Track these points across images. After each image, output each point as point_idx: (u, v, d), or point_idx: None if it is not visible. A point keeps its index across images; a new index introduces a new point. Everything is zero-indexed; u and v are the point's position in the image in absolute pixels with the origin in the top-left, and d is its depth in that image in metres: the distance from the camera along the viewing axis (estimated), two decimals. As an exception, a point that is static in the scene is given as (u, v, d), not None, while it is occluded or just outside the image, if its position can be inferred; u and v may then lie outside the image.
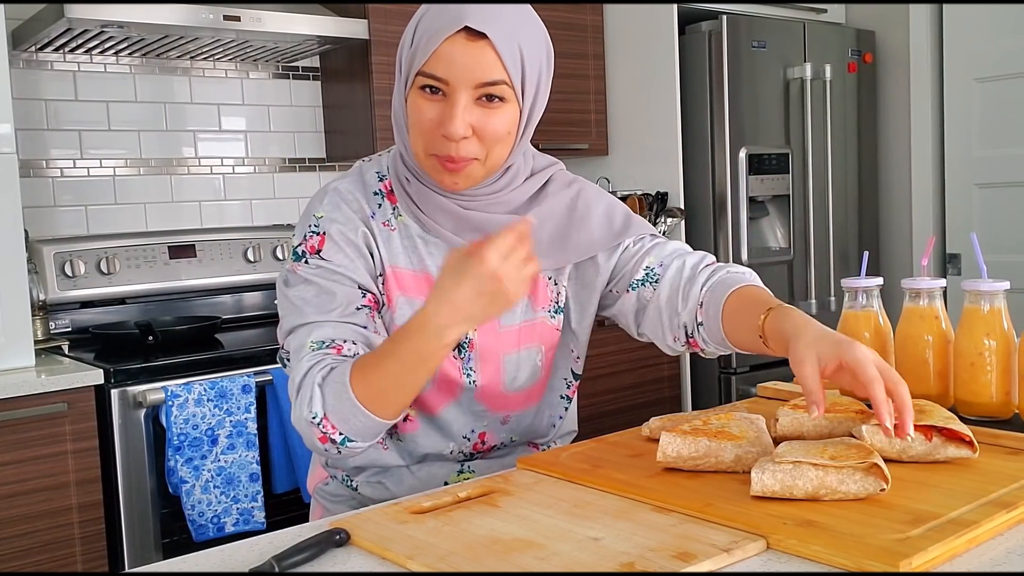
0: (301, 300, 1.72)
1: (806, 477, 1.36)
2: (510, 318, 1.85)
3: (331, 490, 1.99)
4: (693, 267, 1.84)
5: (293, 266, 1.77)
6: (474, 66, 1.61)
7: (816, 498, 1.36)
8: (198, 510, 3.20)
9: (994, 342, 1.77)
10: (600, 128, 5.01)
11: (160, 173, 4.17)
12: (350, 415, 1.60)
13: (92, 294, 3.78)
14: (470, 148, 1.66)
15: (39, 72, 3.87)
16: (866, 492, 1.37)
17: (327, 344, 1.67)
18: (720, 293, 1.75)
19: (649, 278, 1.86)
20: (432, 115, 1.64)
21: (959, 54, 4.98)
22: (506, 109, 1.67)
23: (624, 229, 1.91)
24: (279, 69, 4.46)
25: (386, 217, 1.80)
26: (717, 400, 4.72)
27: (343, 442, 1.63)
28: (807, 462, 1.36)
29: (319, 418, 1.61)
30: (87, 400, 3.12)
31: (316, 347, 1.67)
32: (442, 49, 1.60)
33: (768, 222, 4.83)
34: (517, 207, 1.82)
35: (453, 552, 1.28)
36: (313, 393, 1.61)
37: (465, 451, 1.89)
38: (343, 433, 1.62)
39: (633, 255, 1.89)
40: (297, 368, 1.67)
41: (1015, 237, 4.75)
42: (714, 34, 4.59)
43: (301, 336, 1.70)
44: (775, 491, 1.38)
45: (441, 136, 1.64)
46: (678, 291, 1.82)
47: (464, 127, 1.63)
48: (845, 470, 1.36)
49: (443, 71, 1.61)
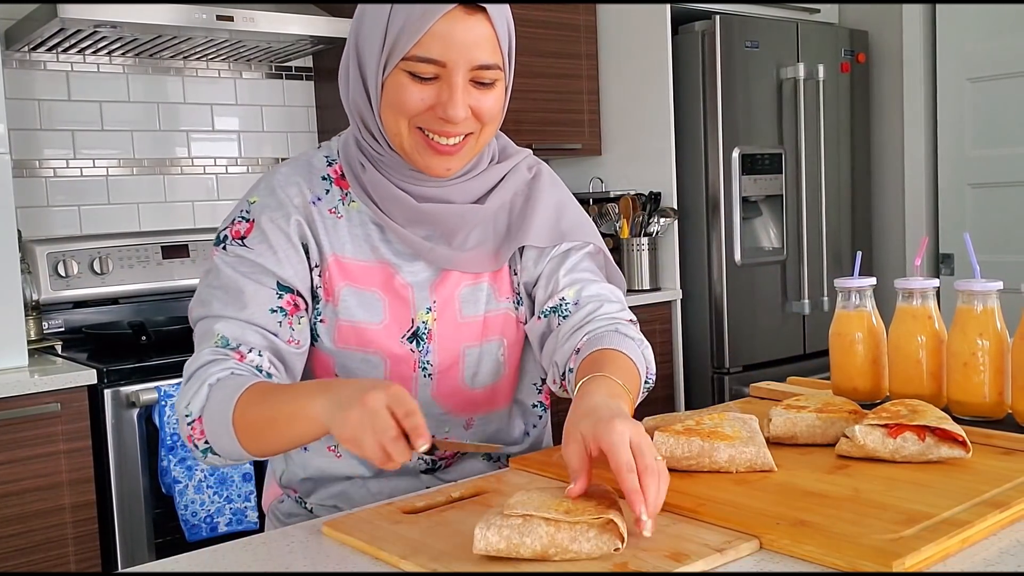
0: (211, 291, 1.67)
1: (535, 534, 1.23)
2: (473, 308, 1.80)
3: (286, 508, 1.92)
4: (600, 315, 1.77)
5: (213, 251, 1.71)
6: (472, 45, 1.55)
7: (546, 558, 1.23)
8: (191, 510, 3.20)
9: (987, 342, 1.77)
10: (593, 128, 5.02)
11: (153, 173, 4.16)
12: (221, 432, 1.53)
13: (85, 294, 3.78)
14: (466, 126, 1.62)
15: (32, 72, 3.86)
16: (600, 552, 1.23)
17: (231, 345, 1.61)
18: (590, 348, 1.67)
19: (559, 311, 1.79)
20: (423, 98, 1.58)
21: (952, 54, 4.99)
22: (498, 87, 1.63)
23: (569, 231, 1.83)
24: (272, 69, 4.46)
25: (333, 204, 1.73)
26: (710, 400, 4.73)
27: (204, 452, 1.58)
28: (538, 516, 1.23)
29: (192, 418, 1.56)
30: (80, 400, 3.12)
31: (220, 344, 1.61)
32: (437, 28, 1.53)
33: (761, 222, 4.84)
34: (478, 197, 1.77)
35: (446, 552, 1.28)
36: (200, 390, 1.56)
37: (426, 459, 1.81)
38: (208, 443, 1.56)
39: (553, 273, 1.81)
40: (196, 357, 1.61)
41: (1008, 237, 4.76)
42: (707, 34, 4.60)
43: (206, 324, 1.65)
44: (500, 550, 1.23)
45: (437, 118, 1.59)
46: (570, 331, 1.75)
47: (465, 110, 1.59)
48: (579, 527, 1.23)
49: (439, 52, 1.54)
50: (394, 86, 1.59)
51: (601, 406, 1.41)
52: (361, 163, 1.73)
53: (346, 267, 1.72)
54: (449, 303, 1.77)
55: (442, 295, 1.77)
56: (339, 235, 1.73)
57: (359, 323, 1.72)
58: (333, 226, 1.73)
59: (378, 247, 1.74)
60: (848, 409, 1.73)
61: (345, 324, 1.72)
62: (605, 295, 1.81)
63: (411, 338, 1.75)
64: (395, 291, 1.74)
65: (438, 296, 1.76)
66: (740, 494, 1.45)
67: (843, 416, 1.70)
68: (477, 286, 1.80)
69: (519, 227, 1.81)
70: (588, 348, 1.67)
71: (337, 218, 1.73)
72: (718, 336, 4.71)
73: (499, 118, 1.68)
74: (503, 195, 1.80)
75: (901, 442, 1.56)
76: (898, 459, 1.56)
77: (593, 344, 1.67)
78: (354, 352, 1.73)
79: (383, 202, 1.71)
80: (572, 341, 1.72)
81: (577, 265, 1.83)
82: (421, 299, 1.75)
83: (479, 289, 1.80)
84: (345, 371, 1.74)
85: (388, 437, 1.34)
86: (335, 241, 1.72)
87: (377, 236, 1.74)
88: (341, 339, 1.72)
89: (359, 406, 1.36)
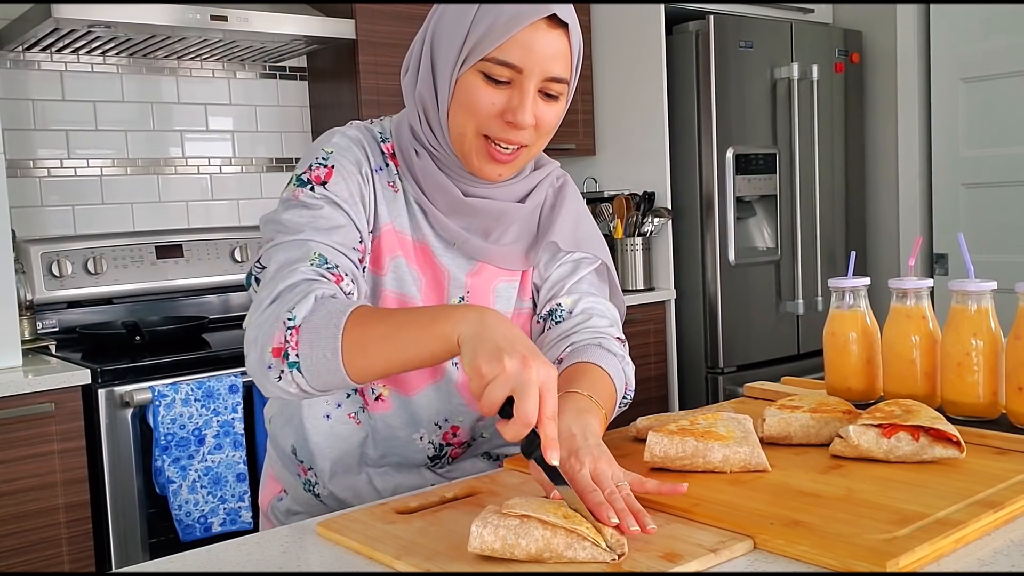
0: (299, 220, 1.63)
1: (531, 536, 1.22)
2: (506, 304, 1.84)
3: (284, 506, 1.91)
4: (587, 326, 1.80)
5: (295, 191, 1.67)
6: (550, 57, 1.59)
7: (540, 560, 1.23)
8: (185, 510, 3.20)
9: (981, 342, 1.77)
10: (587, 128, 5.02)
11: (147, 173, 4.16)
12: (324, 344, 1.45)
13: (79, 294, 3.78)
14: (527, 136, 1.65)
15: (26, 72, 3.86)
16: (593, 559, 1.23)
17: (329, 265, 1.57)
18: (572, 359, 1.73)
19: (553, 315, 1.85)
20: (495, 101, 1.61)
21: (946, 54, 4.99)
22: (561, 103, 1.68)
23: (584, 241, 1.89)
24: (266, 69, 4.46)
25: (391, 177, 1.76)
26: (704, 400, 4.73)
27: (291, 366, 1.47)
28: (536, 518, 1.23)
29: (294, 323, 1.47)
30: (74, 400, 3.11)
31: (318, 263, 1.57)
32: (520, 35, 1.57)
33: (755, 222, 4.84)
34: (518, 197, 1.81)
35: (440, 552, 1.28)
36: (307, 299, 1.49)
37: (435, 441, 1.82)
38: (300, 357, 1.46)
39: (560, 280, 1.86)
40: (291, 271, 1.55)
41: (1002, 237, 4.76)
42: (701, 34, 4.60)
43: (294, 250, 1.59)
44: (495, 550, 1.23)
45: (505, 123, 1.62)
46: (557, 339, 1.81)
47: (532, 117, 1.62)
48: (574, 535, 1.23)
49: (518, 58, 1.58)
50: (466, 86, 1.63)
51: (565, 429, 1.46)
52: (415, 150, 1.75)
53: (402, 241, 1.75)
54: (483, 296, 1.81)
55: (476, 287, 1.80)
56: (397, 208, 1.76)
57: (406, 295, 1.74)
58: (393, 198, 1.76)
59: (421, 227, 1.77)
60: (842, 409, 1.73)
61: (391, 294, 1.73)
62: (599, 309, 1.85)
63: None
64: (432, 274, 1.78)
65: (472, 287, 1.80)
66: (734, 494, 1.45)
67: (837, 416, 1.70)
68: (511, 283, 1.85)
69: (547, 228, 1.86)
70: (570, 359, 1.73)
71: (395, 191, 1.76)
72: (712, 336, 4.71)
73: (553, 132, 1.72)
74: (538, 197, 1.84)
75: (895, 442, 1.56)
76: (892, 459, 1.56)
77: (575, 356, 1.73)
78: None
79: (429, 190, 1.75)
80: (556, 350, 1.78)
81: (584, 278, 1.88)
82: (455, 287, 1.79)
83: (512, 287, 1.85)
84: None
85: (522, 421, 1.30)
86: (393, 212, 1.75)
87: (421, 218, 1.77)
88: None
89: (519, 363, 1.30)
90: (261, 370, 1.51)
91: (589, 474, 1.37)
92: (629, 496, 1.35)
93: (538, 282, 1.89)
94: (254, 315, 1.55)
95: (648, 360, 4.66)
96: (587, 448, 1.42)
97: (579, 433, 1.46)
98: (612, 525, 1.26)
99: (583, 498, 1.32)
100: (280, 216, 1.65)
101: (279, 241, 1.62)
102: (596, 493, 1.32)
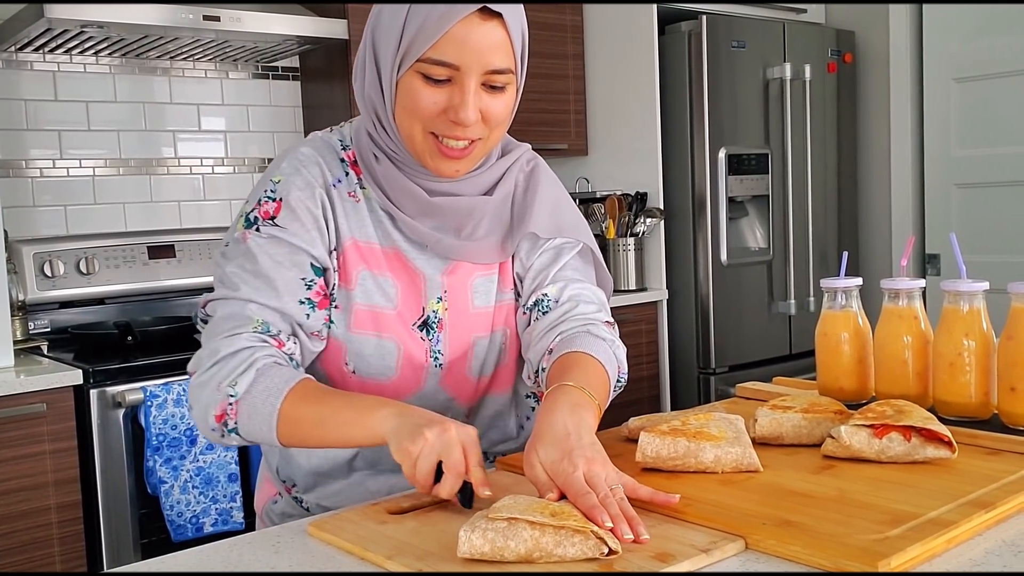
0: (243, 275, 1.65)
1: (520, 537, 1.23)
2: (485, 299, 1.82)
3: (279, 509, 1.91)
4: (574, 315, 1.78)
5: (243, 234, 1.68)
6: (486, 50, 1.56)
7: (530, 561, 1.23)
8: (177, 510, 3.20)
9: (973, 342, 1.78)
10: (579, 128, 5.02)
11: (139, 173, 4.16)
12: (259, 419, 1.54)
13: (71, 294, 3.77)
14: (475, 131, 1.63)
15: (18, 72, 3.85)
16: (584, 555, 1.23)
17: (271, 332, 1.61)
18: (562, 349, 1.70)
19: (540, 306, 1.81)
20: (436, 100, 1.59)
21: (938, 54, 5.00)
22: (509, 92, 1.65)
23: (566, 227, 1.86)
24: (259, 69, 4.45)
25: (352, 187, 1.74)
26: (696, 400, 4.73)
27: (231, 432, 1.57)
28: (523, 519, 1.24)
29: (235, 398, 1.55)
30: (66, 400, 3.11)
31: (261, 329, 1.61)
32: (453, 31, 1.54)
33: (747, 222, 4.85)
34: (486, 190, 1.78)
35: (432, 552, 1.28)
36: (247, 372, 1.55)
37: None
38: (239, 426, 1.56)
39: (543, 269, 1.84)
40: (233, 339, 1.59)
41: (994, 237, 4.77)
42: (694, 34, 4.60)
43: (236, 306, 1.63)
44: (484, 553, 1.23)
45: (449, 121, 1.60)
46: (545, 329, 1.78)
47: (476, 113, 1.60)
48: (564, 531, 1.24)
49: (454, 56, 1.55)
50: (407, 88, 1.61)
51: (559, 427, 1.46)
52: (374, 154, 1.73)
53: (363, 251, 1.73)
54: (461, 293, 1.79)
55: (453, 285, 1.78)
56: (358, 218, 1.74)
57: (376, 307, 1.73)
58: (353, 209, 1.74)
59: (390, 233, 1.75)
60: (834, 409, 1.73)
61: (362, 308, 1.72)
62: (585, 296, 1.82)
63: (422, 327, 1.76)
64: (407, 278, 1.76)
65: (449, 286, 1.78)
66: (726, 494, 1.45)
67: (829, 416, 1.70)
68: (489, 277, 1.83)
69: (522, 217, 1.83)
70: (560, 349, 1.70)
71: (356, 201, 1.74)
72: (704, 336, 4.72)
73: (507, 122, 1.69)
74: (507, 186, 1.82)
75: (887, 442, 1.56)
76: (884, 459, 1.57)
77: (564, 346, 1.70)
78: (369, 338, 1.72)
79: (395, 194, 1.72)
80: (545, 341, 1.75)
81: (567, 264, 1.84)
82: (432, 288, 1.77)
83: (491, 280, 1.83)
84: (358, 359, 1.73)
85: (453, 472, 1.41)
86: (353, 224, 1.73)
87: (389, 223, 1.75)
88: (357, 324, 1.72)
89: (439, 430, 1.42)
90: (205, 427, 1.60)
91: (583, 476, 1.36)
92: (623, 500, 1.34)
93: (520, 271, 1.85)
94: (198, 369, 1.62)
95: (640, 360, 4.66)
96: (581, 449, 1.41)
97: (573, 431, 1.45)
98: (606, 528, 1.26)
99: (576, 501, 1.32)
100: (225, 269, 1.68)
101: (221, 296, 1.66)
102: (590, 496, 1.32)
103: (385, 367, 1.74)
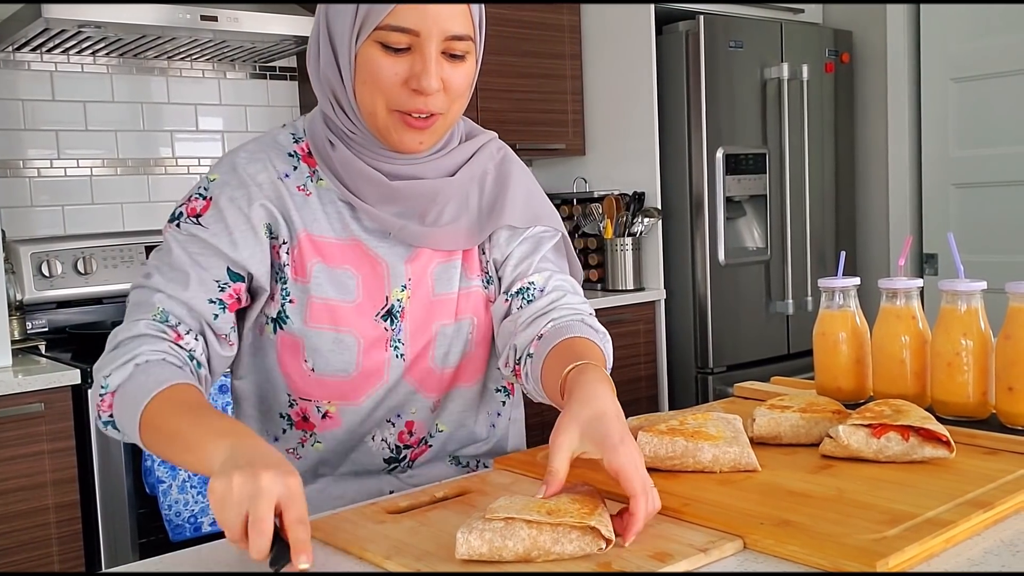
0: (156, 266, 1.64)
1: (517, 537, 1.22)
2: (447, 286, 1.78)
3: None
4: (563, 304, 1.76)
5: (167, 227, 1.67)
6: (446, 15, 1.55)
7: (528, 560, 1.23)
8: (175, 510, 3.20)
9: (971, 342, 1.78)
10: (577, 128, 5.02)
11: (137, 173, 4.15)
12: (127, 418, 1.48)
13: (69, 294, 3.77)
14: (438, 102, 1.60)
15: (16, 72, 3.85)
16: (583, 552, 1.23)
17: (170, 322, 1.58)
18: (558, 335, 1.65)
19: (524, 294, 1.78)
20: (397, 71, 1.56)
21: (936, 54, 5.00)
22: (469, 61, 1.62)
23: (541, 216, 1.84)
24: (256, 69, 4.45)
25: (301, 181, 1.71)
26: (694, 400, 4.74)
27: (106, 424, 1.54)
28: (520, 519, 1.23)
29: (107, 391, 1.51)
30: (64, 400, 3.11)
31: (159, 318, 1.58)
32: None
33: (745, 222, 4.85)
34: (449, 173, 1.75)
35: (430, 552, 1.28)
36: (124, 366, 1.51)
37: (389, 441, 1.80)
38: (113, 418, 1.52)
39: (525, 257, 1.81)
40: (131, 325, 1.57)
41: (992, 237, 4.77)
42: (691, 34, 4.60)
43: (144, 294, 1.61)
44: (483, 554, 1.22)
45: (411, 91, 1.57)
46: (532, 317, 1.74)
47: (438, 81, 1.57)
48: (561, 528, 1.23)
49: (413, 21, 1.53)
50: (367, 60, 1.58)
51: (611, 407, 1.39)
52: (330, 140, 1.71)
53: (317, 244, 1.70)
54: (422, 281, 1.76)
55: (416, 272, 1.75)
56: (310, 212, 1.70)
57: (331, 300, 1.70)
58: (304, 203, 1.70)
59: (349, 224, 1.72)
60: (832, 409, 1.73)
61: (318, 302, 1.69)
62: (569, 287, 1.81)
63: (385, 316, 1.73)
64: (369, 268, 1.72)
65: (412, 274, 1.75)
66: (724, 494, 1.45)
67: (827, 416, 1.70)
68: (450, 263, 1.79)
69: (495, 207, 1.81)
70: (555, 336, 1.66)
71: (306, 195, 1.71)
72: (702, 336, 4.72)
73: (468, 94, 1.67)
74: (472, 169, 1.78)
75: (885, 442, 1.56)
76: (882, 459, 1.57)
77: (562, 332, 1.66)
78: (326, 332, 1.70)
79: (353, 181, 1.69)
80: (534, 327, 1.72)
81: (548, 253, 1.83)
82: (396, 276, 1.74)
83: (452, 267, 1.79)
84: (316, 353, 1.71)
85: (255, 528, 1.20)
86: (306, 218, 1.70)
87: (348, 213, 1.72)
88: (314, 318, 1.70)
89: (249, 476, 1.22)
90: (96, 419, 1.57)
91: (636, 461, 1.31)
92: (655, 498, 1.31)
93: (499, 258, 1.82)
94: (112, 337, 1.59)
95: (638, 360, 4.66)
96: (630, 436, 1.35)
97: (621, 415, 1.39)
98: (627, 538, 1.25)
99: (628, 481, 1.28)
100: (151, 257, 1.67)
101: (137, 284, 1.65)
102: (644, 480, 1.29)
103: (344, 363, 1.71)
